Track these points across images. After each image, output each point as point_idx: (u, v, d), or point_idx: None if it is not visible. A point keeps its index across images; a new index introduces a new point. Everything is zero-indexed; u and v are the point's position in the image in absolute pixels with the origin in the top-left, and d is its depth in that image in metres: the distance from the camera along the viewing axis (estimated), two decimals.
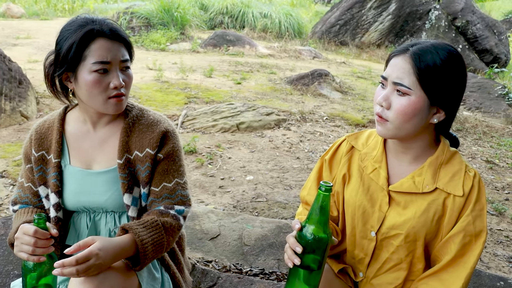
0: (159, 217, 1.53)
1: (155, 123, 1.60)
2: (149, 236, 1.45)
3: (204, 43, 10.38)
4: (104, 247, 1.33)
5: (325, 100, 6.75)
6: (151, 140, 1.57)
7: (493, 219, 3.64)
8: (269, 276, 2.33)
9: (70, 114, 1.66)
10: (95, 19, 1.48)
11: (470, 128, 6.03)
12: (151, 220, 1.49)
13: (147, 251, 1.44)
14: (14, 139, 4.34)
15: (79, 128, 1.62)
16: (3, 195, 3.30)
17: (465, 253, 1.38)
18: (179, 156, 1.63)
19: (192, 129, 5.07)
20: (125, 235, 1.45)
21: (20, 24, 11.47)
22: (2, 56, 4.96)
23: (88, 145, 1.61)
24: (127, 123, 1.59)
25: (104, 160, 1.60)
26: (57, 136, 1.60)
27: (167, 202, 1.58)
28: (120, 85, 1.47)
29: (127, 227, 1.45)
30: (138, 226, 1.46)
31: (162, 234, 1.49)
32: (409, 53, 1.33)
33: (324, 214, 1.28)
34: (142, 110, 1.65)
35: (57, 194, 1.60)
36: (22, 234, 1.36)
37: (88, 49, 1.43)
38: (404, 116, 1.33)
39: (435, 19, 11.67)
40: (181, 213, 1.59)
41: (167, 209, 1.56)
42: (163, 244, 1.50)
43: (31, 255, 1.34)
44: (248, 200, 3.54)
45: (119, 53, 1.47)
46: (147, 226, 1.47)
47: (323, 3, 18.75)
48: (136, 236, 1.43)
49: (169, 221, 1.53)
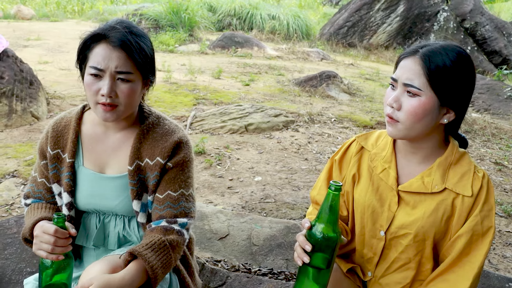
0: (165, 235, 1.50)
1: (169, 133, 1.59)
2: (159, 260, 1.44)
3: (213, 45, 10.42)
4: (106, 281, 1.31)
5: (333, 102, 6.75)
6: (163, 150, 1.56)
7: (502, 221, 3.63)
8: (277, 276, 2.34)
9: (87, 114, 1.66)
10: (117, 27, 1.46)
11: (479, 130, 6.00)
12: (159, 242, 1.47)
13: (158, 275, 1.42)
14: (25, 139, 4.39)
15: (95, 130, 1.62)
16: (15, 195, 3.34)
17: (471, 251, 1.39)
18: (189, 167, 1.61)
19: (201, 130, 5.09)
20: (132, 264, 1.41)
21: (31, 25, 11.58)
22: (14, 57, 5.01)
23: (102, 148, 1.61)
24: (141, 129, 1.58)
25: (116, 165, 1.60)
26: (73, 135, 1.60)
27: (169, 211, 1.55)
28: (106, 94, 1.42)
29: (136, 253, 1.42)
30: (146, 250, 1.43)
31: (170, 254, 1.48)
32: (419, 54, 1.35)
33: (334, 213, 1.29)
34: (159, 118, 1.64)
35: (69, 194, 1.61)
36: (41, 232, 1.38)
37: (90, 51, 1.46)
38: (415, 116, 1.35)
39: (444, 20, 11.64)
40: (184, 226, 1.56)
41: (170, 224, 1.54)
42: (171, 263, 1.49)
43: (50, 253, 1.36)
44: (257, 201, 3.55)
45: (116, 63, 1.43)
46: (155, 248, 1.45)
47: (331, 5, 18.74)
48: (146, 263, 1.40)
49: (175, 239, 1.51)
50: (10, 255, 2.22)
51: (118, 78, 1.45)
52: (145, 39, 1.51)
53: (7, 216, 2.97)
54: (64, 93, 5.76)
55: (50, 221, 1.51)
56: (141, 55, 1.47)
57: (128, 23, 1.50)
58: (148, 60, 1.51)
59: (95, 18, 13.17)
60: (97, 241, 1.64)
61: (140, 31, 1.51)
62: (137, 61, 1.46)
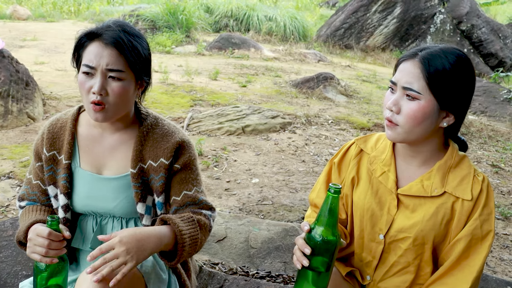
0: (194, 215, 1.54)
1: (169, 134, 1.59)
2: (187, 229, 1.47)
3: (210, 46, 10.40)
4: (126, 235, 1.34)
5: (330, 104, 6.75)
6: (166, 150, 1.56)
7: (499, 224, 3.63)
8: (275, 279, 2.33)
9: (83, 115, 1.65)
10: (111, 26, 1.46)
11: (476, 132, 6.01)
12: (187, 216, 1.51)
13: (185, 244, 1.45)
14: (21, 141, 4.36)
15: (91, 131, 1.61)
16: (10, 196, 3.32)
17: (470, 255, 1.38)
18: (196, 165, 1.64)
19: (198, 131, 5.08)
20: (163, 225, 1.46)
21: (27, 26, 11.53)
22: (10, 58, 4.99)
23: (99, 149, 1.60)
24: (141, 131, 1.58)
25: (114, 166, 1.59)
26: (69, 137, 1.59)
27: (193, 207, 1.59)
28: (97, 91, 1.41)
29: (166, 218, 1.47)
30: (176, 218, 1.48)
31: (198, 231, 1.51)
32: (418, 58, 1.34)
33: (333, 216, 1.29)
34: (157, 118, 1.63)
35: (66, 196, 1.59)
36: (35, 235, 1.37)
37: (84, 50, 1.46)
38: (414, 120, 1.34)
39: (440, 23, 11.66)
40: (210, 216, 1.62)
41: (198, 209, 1.59)
42: (198, 241, 1.51)
43: (44, 256, 1.35)
44: (254, 203, 3.54)
45: (107, 60, 1.42)
46: (184, 219, 1.49)
47: (328, 7, 18.76)
48: (175, 226, 1.44)
49: (202, 219, 1.55)
50: (5, 258, 2.20)
51: (110, 76, 1.44)
52: (139, 39, 1.50)
53: (2, 218, 2.95)
54: (60, 94, 5.74)
55: (45, 224, 1.49)
56: (133, 53, 1.45)
57: (124, 23, 1.50)
58: (142, 59, 1.49)
59: (91, 19, 13.13)
60: (94, 244, 1.61)
61: (135, 31, 1.50)
62: (129, 59, 1.44)
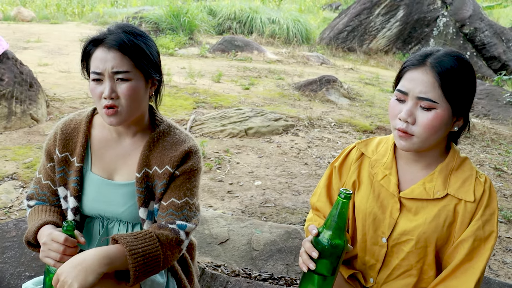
0: (155, 229, 1.46)
1: (180, 142, 1.57)
2: (141, 248, 1.38)
3: (213, 48, 10.42)
4: (63, 265, 1.29)
5: (333, 106, 6.75)
6: (173, 158, 1.53)
7: (502, 227, 3.62)
8: (278, 281, 2.34)
9: (97, 117, 1.63)
10: (113, 29, 1.47)
11: (478, 135, 6.00)
12: (144, 232, 1.43)
13: (138, 263, 1.36)
14: (24, 142, 4.38)
15: (105, 135, 1.60)
16: (13, 197, 3.33)
17: (473, 257, 1.38)
18: (196, 177, 1.58)
19: (201, 134, 5.09)
20: (113, 245, 1.38)
21: (31, 27, 11.57)
22: (14, 60, 5.01)
23: (111, 154, 1.59)
24: (152, 137, 1.56)
25: (125, 172, 1.58)
26: (82, 139, 1.58)
27: (170, 218, 1.51)
28: (107, 95, 1.42)
29: (116, 237, 1.39)
30: (128, 236, 1.40)
31: (157, 247, 1.41)
32: (428, 65, 1.33)
33: (342, 221, 1.29)
34: (170, 126, 1.61)
35: (76, 199, 1.58)
36: (50, 240, 1.37)
37: (90, 58, 1.47)
38: (432, 129, 1.34)
39: (443, 26, 11.65)
40: (183, 228, 1.51)
41: (167, 223, 1.50)
42: (159, 258, 1.42)
43: (58, 261, 1.35)
44: (257, 205, 3.55)
45: (112, 63, 1.42)
46: (138, 237, 1.40)
47: (331, 10, 18.76)
48: (125, 246, 1.36)
49: (165, 234, 1.45)
50: (8, 259, 2.21)
51: (118, 79, 1.44)
52: (142, 37, 1.50)
53: (5, 219, 2.96)
54: (63, 96, 5.76)
55: (55, 225, 1.50)
56: (136, 52, 1.45)
57: (125, 24, 1.50)
58: (147, 57, 1.49)
59: (95, 21, 13.18)
60: (99, 246, 1.62)
61: (137, 31, 1.50)
62: (133, 59, 1.45)
